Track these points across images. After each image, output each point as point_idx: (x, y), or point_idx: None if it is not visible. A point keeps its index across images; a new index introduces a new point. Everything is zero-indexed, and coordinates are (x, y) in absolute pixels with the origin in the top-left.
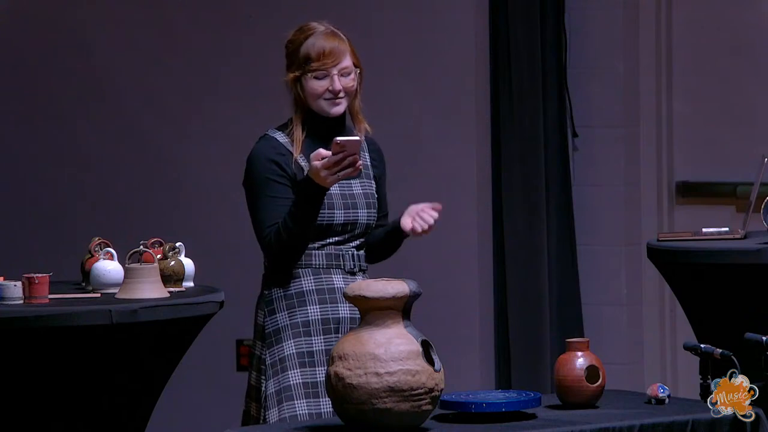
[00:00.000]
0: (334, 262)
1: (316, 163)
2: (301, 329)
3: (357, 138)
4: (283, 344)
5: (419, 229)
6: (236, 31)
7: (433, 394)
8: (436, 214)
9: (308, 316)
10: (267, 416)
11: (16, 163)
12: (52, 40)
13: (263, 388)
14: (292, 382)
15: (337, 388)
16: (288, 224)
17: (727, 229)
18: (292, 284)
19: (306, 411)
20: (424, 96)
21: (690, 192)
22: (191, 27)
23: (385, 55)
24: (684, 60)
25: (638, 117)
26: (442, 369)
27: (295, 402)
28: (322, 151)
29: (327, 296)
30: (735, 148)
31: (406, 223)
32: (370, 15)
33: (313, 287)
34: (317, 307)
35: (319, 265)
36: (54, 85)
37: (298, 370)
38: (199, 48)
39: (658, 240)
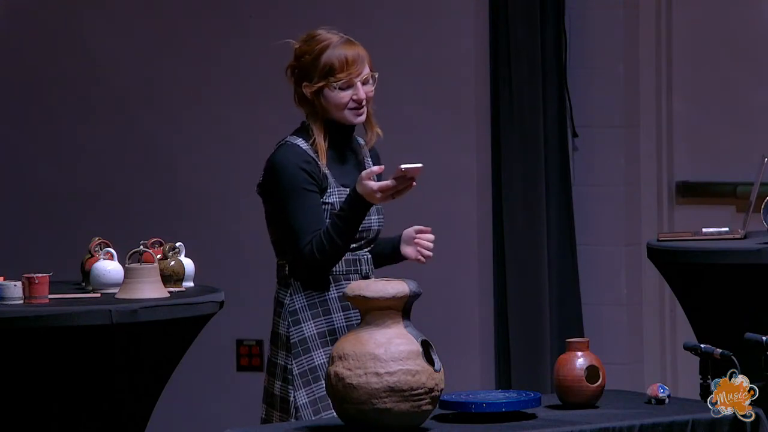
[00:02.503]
0: (352, 268)
1: (371, 184)
2: (328, 338)
3: (420, 165)
4: (312, 354)
5: (424, 261)
6: (237, 32)
7: (433, 394)
8: (432, 238)
9: (334, 324)
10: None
11: (16, 163)
12: (52, 41)
13: (291, 398)
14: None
15: (337, 388)
16: (332, 236)
17: (727, 229)
18: (314, 293)
19: None
20: (424, 96)
21: (690, 192)
22: (192, 27)
23: (385, 56)
24: (684, 60)
25: (638, 117)
26: (442, 369)
27: (333, 410)
28: (375, 169)
29: (350, 303)
30: (735, 148)
31: (409, 253)
32: (370, 15)
33: (336, 294)
34: (341, 314)
35: (339, 272)
36: (54, 85)
37: None
38: (200, 48)
39: (658, 240)
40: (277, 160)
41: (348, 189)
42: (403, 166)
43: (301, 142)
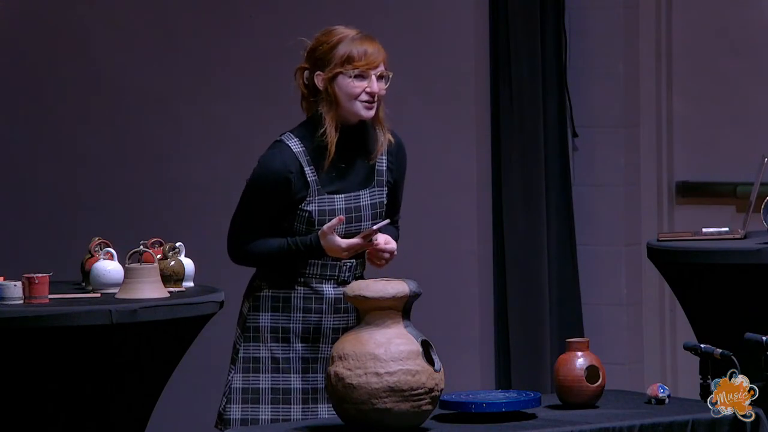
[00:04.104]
0: (328, 273)
1: (338, 242)
2: (280, 335)
3: (387, 221)
4: (260, 345)
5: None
6: (236, 31)
7: (433, 394)
8: (386, 255)
9: (289, 323)
10: (228, 409)
11: (16, 163)
12: (52, 41)
13: (230, 377)
14: (261, 386)
15: (337, 388)
16: (273, 256)
17: (727, 229)
18: (281, 286)
19: (269, 416)
20: (424, 96)
21: (690, 192)
22: (191, 27)
23: None
24: (684, 60)
25: (638, 117)
26: (442, 369)
27: (260, 406)
28: (334, 222)
29: (313, 306)
30: (735, 148)
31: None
32: (371, 15)
33: (302, 294)
34: (300, 315)
35: (312, 274)
36: (54, 84)
37: (270, 375)
38: (200, 48)
39: (658, 240)
40: (265, 161)
41: (335, 198)
42: (376, 227)
43: (294, 143)
